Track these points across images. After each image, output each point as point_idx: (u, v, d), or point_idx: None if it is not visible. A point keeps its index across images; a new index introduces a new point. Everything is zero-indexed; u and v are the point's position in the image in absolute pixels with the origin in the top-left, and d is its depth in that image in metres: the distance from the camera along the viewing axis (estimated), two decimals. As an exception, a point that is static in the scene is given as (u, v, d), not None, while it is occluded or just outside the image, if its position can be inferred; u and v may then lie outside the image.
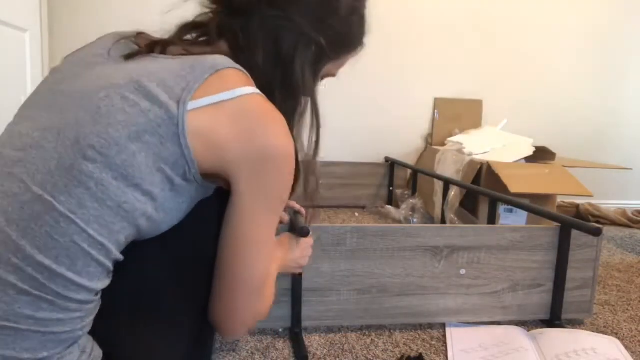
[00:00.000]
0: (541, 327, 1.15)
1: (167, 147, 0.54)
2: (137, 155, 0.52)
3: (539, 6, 2.63)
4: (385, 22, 2.51)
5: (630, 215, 2.40)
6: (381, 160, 2.59)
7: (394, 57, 2.54)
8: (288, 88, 0.67)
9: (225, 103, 0.56)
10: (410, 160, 2.62)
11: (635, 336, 1.13)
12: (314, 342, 1.05)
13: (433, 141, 2.59)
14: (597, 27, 2.70)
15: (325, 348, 1.02)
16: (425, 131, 2.63)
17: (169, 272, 0.62)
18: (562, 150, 2.43)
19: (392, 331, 1.11)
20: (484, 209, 1.80)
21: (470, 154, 2.00)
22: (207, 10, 0.70)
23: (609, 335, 1.12)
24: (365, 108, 2.56)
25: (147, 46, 0.63)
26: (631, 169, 2.27)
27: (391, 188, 2.54)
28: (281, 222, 0.89)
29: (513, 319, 1.17)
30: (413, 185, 2.40)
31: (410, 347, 1.04)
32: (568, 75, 2.72)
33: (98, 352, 0.55)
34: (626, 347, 1.05)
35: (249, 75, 0.61)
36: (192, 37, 0.69)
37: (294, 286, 1.06)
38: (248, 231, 0.61)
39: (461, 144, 2.12)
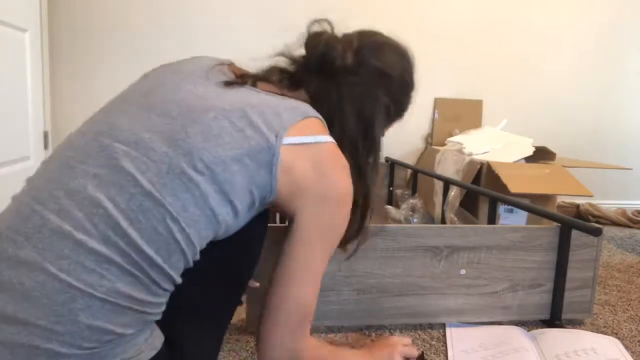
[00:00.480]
0: (541, 327, 1.15)
1: (260, 173, 0.62)
2: (237, 176, 0.61)
3: (539, 6, 2.63)
4: (385, 22, 2.51)
5: (630, 215, 2.40)
6: (381, 160, 2.58)
7: (394, 57, 2.54)
8: (368, 143, 0.81)
9: (309, 145, 0.67)
10: (410, 160, 2.62)
11: (635, 336, 1.13)
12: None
13: (433, 141, 2.59)
14: (597, 27, 2.70)
15: (325, 348, 1.02)
16: (425, 131, 2.63)
17: (217, 275, 0.70)
18: (562, 150, 2.44)
19: (392, 331, 1.11)
20: (484, 209, 1.80)
21: (470, 154, 2.00)
22: (294, 61, 0.81)
23: (609, 335, 1.12)
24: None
25: (240, 77, 0.73)
26: (631, 168, 2.27)
27: (391, 188, 2.54)
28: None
29: (513, 319, 1.17)
30: (413, 185, 2.40)
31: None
32: (568, 75, 2.72)
33: (159, 332, 0.63)
34: (626, 347, 1.05)
35: (326, 125, 0.73)
36: (276, 79, 0.79)
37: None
38: (304, 261, 0.68)
39: (461, 144, 2.12)
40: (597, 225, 1.06)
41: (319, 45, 0.78)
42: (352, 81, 0.78)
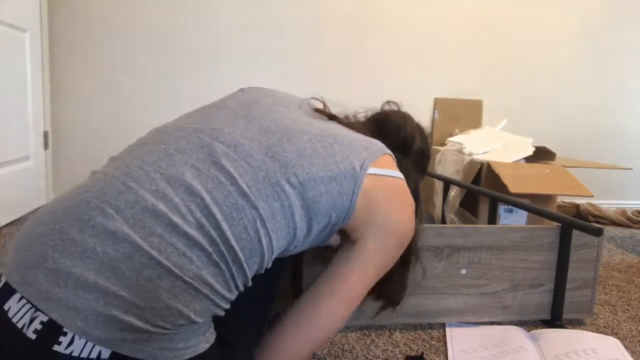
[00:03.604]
0: (542, 327, 1.15)
1: (342, 199, 0.66)
2: (322, 197, 0.64)
3: (539, 6, 2.63)
4: (385, 23, 2.52)
5: (630, 215, 2.40)
6: (381, 160, 2.59)
7: (394, 57, 2.54)
8: (419, 213, 0.85)
9: (387, 178, 0.72)
10: (410, 160, 2.61)
11: (635, 336, 1.13)
12: None
13: (433, 141, 2.59)
14: (597, 27, 2.70)
15: (325, 348, 1.02)
16: (425, 131, 2.63)
17: (258, 284, 0.70)
18: (562, 150, 2.44)
19: (392, 331, 1.11)
20: (484, 209, 1.80)
21: (470, 154, 2.00)
22: (368, 120, 0.95)
23: (609, 335, 1.12)
24: (365, 108, 2.55)
25: (330, 114, 0.81)
26: (631, 168, 2.27)
27: (391, 188, 2.53)
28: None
29: (514, 319, 1.17)
30: (413, 185, 2.40)
31: (410, 347, 1.04)
32: (568, 75, 2.72)
33: (213, 328, 0.63)
34: (626, 347, 1.05)
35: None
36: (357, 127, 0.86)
37: (294, 285, 1.05)
38: (354, 285, 0.71)
39: (461, 144, 2.12)
40: (598, 225, 1.06)
41: (405, 127, 0.92)
42: (415, 159, 0.91)
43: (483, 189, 1.65)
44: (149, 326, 0.52)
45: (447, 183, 1.92)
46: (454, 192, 1.92)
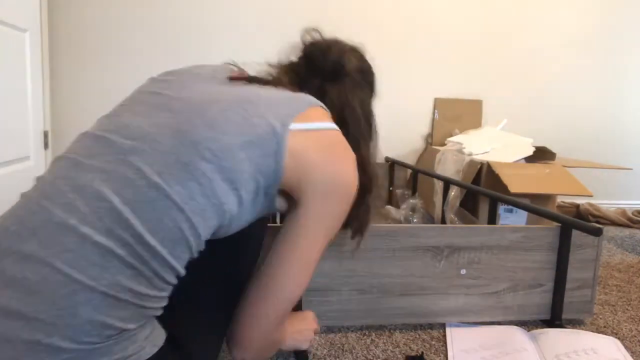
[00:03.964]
0: (541, 327, 1.15)
1: (266, 161, 0.63)
2: (243, 163, 0.61)
3: (539, 6, 2.63)
4: (385, 23, 2.52)
5: (630, 215, 2.40)
6: (381, 160, 2.59)
7: (394, 57, 2.54)
8: (371, 133, 0.88)
9: (316, 131, 0.68)
10: (410, 160, 2.62)
11: (635, 336, 1.13)
12: (314, 342, 1.04)
13: (433, 141, 2.59)
14: (597, 27, 2.70)
15: (325, 348, 1.02)
16: (425, 131, 2.63)
17: (218, 274, 0.70)
18: (562, 150, 2.44)
19: (392, 331, 1.11)
20: (484, 209, 1.80)
21: (470, 154, 2.00)
22: (293, 66, 0.86)
23: (609, 335, 1.12)
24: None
25: (247, 77, 0.75)
26: (631, 169, 2.27)
27: (391, 188, 2.54)
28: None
29: (513, 319, 1.17)
30: (413, 185, 2.40)
31: (410, 347, 1.04)
32: (568, 75, 2.72)
33: (162, 331, 0.62)
34: (626, 347, 1.05)
35: (330, 115, 0.75)
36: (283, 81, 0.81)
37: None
38: (305, 248, 0.69)
39: (461, 144, 2.12)
40: (598, 225, 1.06)
41: (330, 53, 0.84)
42: (355, 80, 0.85)
43: (483, 189, 1.65)
44: (75, 344, 0.51)
45: (447, 183, 1.92)
46: (454, 192, 1.91)
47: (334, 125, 0.72)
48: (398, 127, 2.60)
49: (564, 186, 1.75)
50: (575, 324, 1.19)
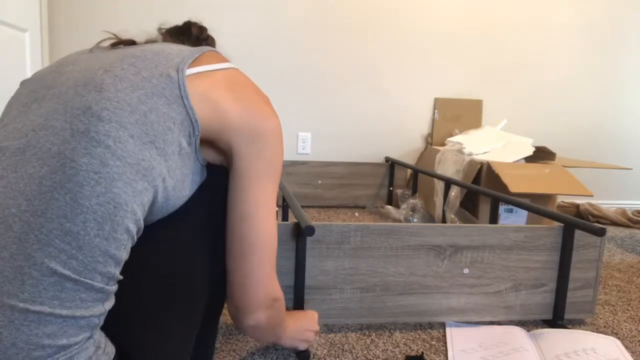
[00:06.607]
0: (543, 327, 1.15)
1: (173, 108, 0.59)
2: (149, 115, 0.56)
3: (539, 6, 2.63)
4: (385, 22, 2.52)
5: (630, 215, 2.41)
6: (381, 160, 2.59)
7: (394, 57, 2.54)
8: None
9: (218, 72, 0.66)
10: (410, 160, 2.62)
11: (635, 336, 1.14)
12: (314, 343, 1.04)
13: (433, 141, 2.59)
14: (597, 27, 2.70)
15: (325, 348, 1.02)
16: (425, 131, 2.64)
17: (178, 270, 0.63)
18: (562, 150, 2.44)
19: (392, 331, 1.11)
20: (484, 209, 1.80)
21: (470, 154, 2.00)
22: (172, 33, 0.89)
23: (609, 335, 1.12)
24: (365, 108, 2.56)
25: (128, 40, 0.71)
26: (631, 169, 2.28)
27: (391, 188, 2.54)
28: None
29: (515, 318, 1.17)
30: (413, 185, 2.40)
31: (410, 347, 1.04)
32: (568, 75, 2.72)
33: (111, 348, 0.55)
34: (626, 347, 1.05)
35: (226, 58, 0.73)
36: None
37: (296, 284, 1.06)
38: (255, 193, 0.67)
39: (461, 144, 2.13)
40: (601, 225, 1.06)
41: (192, 30, 0.89)
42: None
43: (484, 189, 1.66)
44: None
45: (448, 183, 1.92)
46: (454, 192, 1.92)
47: (233, 65, 0.70)
48: (398, 127, 2.61)
49: (564, 186, 1.76)
50: (576, 323, 1.20)
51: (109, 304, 0.54)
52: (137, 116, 0.55)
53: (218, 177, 0.70)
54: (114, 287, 0.54)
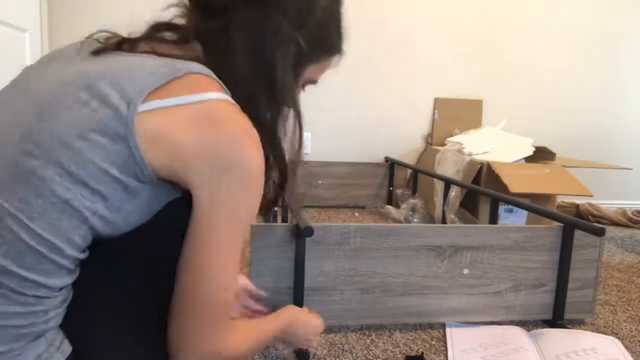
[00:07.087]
0: (543, 327, 1.15)
1: (116, 148, 0.52)
2: (85, 153, 0.51)
3: (539, 7, 2.63)
4: (385, 22, 2.52)
5: (630, 215, 2.41)
6: (381, 160, 2.59)
7: (394, 57, 2.54)
8: (272, 93, 0.65)
9: (185, 106, 0.54)
10: (410, 160, 2.62)
11: (635, 336, 1.14)
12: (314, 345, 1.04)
13: (433, 141, 2.59)
14: (597, 27, 2.70)
15: (325, 348, 1.02)
16: (425, 131, 2.64)
17: (143, 275, 0.60)
18: (562, 150, 2.44)
19: (392, 331, 1.11)
20: (484, 209, 1.80)
21: (470, 154, 2.00)
22: (183, 12, 0.70)
23: (609, 335, 1.12)
24: (365, 108, 2.56)
25: (115, 43, 0.62)
26: (631, 168, 2.27)
27: (391, 188, 2.54)
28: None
29: (515, 318, 1.17)
30: (413, 185, 2.40)
31: (410, 347, 1.04)
32: (568, 75, 2.72)
33: (67, 347, 0.54)
34: (626, 347, 1.05)
35: (219, 82, 0.59)
36: (162, 36, 0.69)
37: (296, 285, 1.06)
38: (206, 240, 0.57)
39: (461, 144, 2.13)
40: (601, 225, 1.06)
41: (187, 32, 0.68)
42: (248, 15, 0.64)
43: (485, 189, 1.66)
44: None
45: (447, 183, 1.92)
46: (454, 192, 1.92)
47: (212, 94, 0.56)
48: (398, 127, 2.61)
49: (564, 186, 1.76)
50: (576, 323, 1.20)
51: (57, 311, 0.53)
52: (70, 154, 0.51)
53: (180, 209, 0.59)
54: (55, 300, 0.53)
